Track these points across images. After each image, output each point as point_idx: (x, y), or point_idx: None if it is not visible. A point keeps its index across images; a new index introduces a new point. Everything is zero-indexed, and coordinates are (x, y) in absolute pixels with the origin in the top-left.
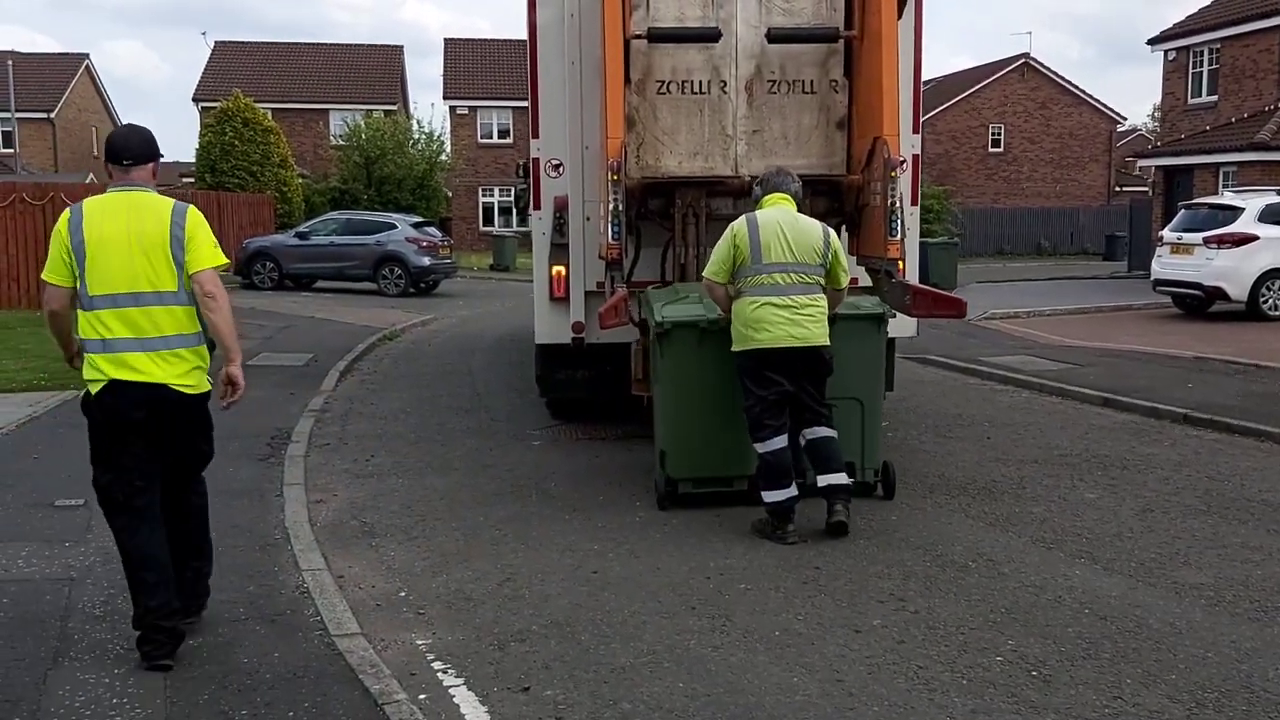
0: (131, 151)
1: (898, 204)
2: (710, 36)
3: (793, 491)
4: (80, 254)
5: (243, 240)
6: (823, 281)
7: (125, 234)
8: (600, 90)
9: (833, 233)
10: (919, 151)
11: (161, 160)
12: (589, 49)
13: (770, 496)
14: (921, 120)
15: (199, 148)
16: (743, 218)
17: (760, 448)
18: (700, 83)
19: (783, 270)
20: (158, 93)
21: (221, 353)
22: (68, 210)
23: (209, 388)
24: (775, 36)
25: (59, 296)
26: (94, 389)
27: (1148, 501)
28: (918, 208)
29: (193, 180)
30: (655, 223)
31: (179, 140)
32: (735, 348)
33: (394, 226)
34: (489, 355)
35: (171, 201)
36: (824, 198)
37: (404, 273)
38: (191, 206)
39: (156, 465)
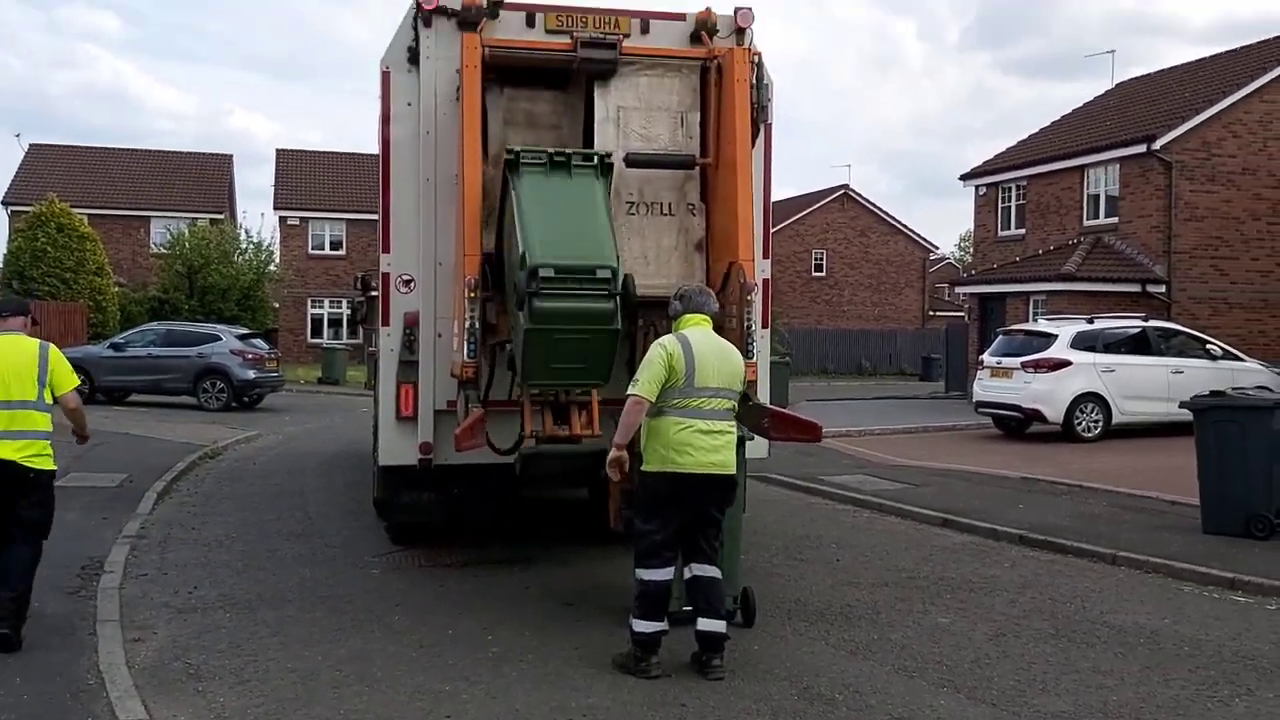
0: (9, 309)
1: (753, 327)
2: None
3: (664, 625)
4: None
5: None
6: (737, 406)
7: (3, 362)
8: (457, 207)
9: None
10: (769, 276)
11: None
12: (444, 165)
13: (641, 627)
14: (771, 245)
15: (7, 253)
16: (673, 336)
17: (646, 574)
18: None
19: (712, 395)
20: None
21: (76, 435)
22: None
23: (54, 468)
24: (633, 162)
25: None
26: None
27: (999, 626)
28: (769, 330)
29: None
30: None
31: None
32: (649, 468)
33: (218, 338)
34: (320, 475)
35: (38, 341)
36: None
37: (226, 386)
38: (53, 346)
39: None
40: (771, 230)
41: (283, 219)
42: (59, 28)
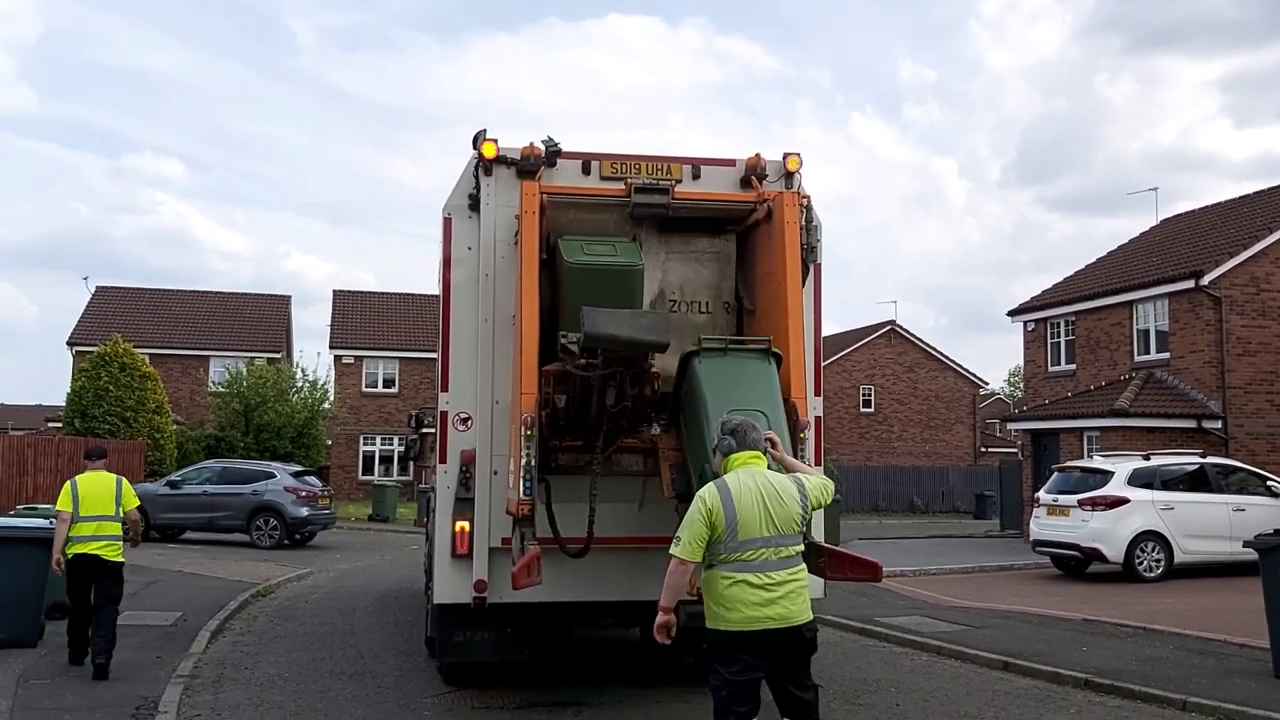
0: (96, 454)
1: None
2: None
3: None
4: (76, 496)
5: None
6: (803, 549)
7: (96, 487)
8: (514, 346)
9: (806, 483)
10: (821, 414)
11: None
12: (502, 307)
13: None
14: (822, 383)
15: (71, 392)
16: (713, 486)
17: None
18: None
19: (762, 545)
20: (22, 334)
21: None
22: (69, 483)
23: (124, 560)
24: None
25: (69, 516)
26: (70, 556)
27: None
28: (821, 468)
29: (60, 425)
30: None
31: (47, 383)
32: (708, 624)
33: (272, 476)
34: (371, 614)
35: (115, 476)
36: None
37: (280, 524)
38: (125, 478)
39: (90, 596)
40: (822, 367)
41: (338, 358)
42: (125, 174)
